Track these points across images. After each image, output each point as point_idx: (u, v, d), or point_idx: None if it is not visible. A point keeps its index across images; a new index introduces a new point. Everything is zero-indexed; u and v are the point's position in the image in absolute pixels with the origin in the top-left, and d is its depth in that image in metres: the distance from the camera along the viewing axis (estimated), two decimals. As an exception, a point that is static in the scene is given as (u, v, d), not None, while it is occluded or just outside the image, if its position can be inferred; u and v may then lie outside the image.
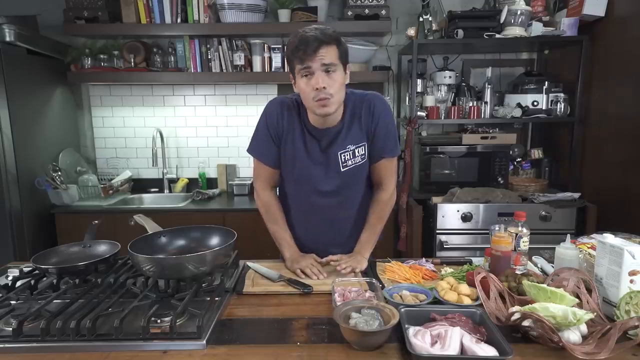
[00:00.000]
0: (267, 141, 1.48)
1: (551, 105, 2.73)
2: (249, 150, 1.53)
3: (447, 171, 2.77)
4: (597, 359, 0.90)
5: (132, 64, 2.86)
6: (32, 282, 1.31)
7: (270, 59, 2.85)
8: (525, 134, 3.12)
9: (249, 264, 1.51)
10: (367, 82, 2.93)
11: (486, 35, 2.59)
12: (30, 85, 2.59)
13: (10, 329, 1.04)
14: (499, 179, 2.72)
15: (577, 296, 1.12)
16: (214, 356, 0.98)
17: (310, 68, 1.29)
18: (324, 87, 1.29)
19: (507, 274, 1.25)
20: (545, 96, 2.72)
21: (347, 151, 1.46)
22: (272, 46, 2.84)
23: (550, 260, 1.49)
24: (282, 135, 1.47)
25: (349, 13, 2.71)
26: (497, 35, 2.60)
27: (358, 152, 1.46)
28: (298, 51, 1.29)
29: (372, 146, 1.47)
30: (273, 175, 1.55)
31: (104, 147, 3.17)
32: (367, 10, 2.70)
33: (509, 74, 3.02)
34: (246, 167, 3.20)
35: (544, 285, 1.08)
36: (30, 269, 1.40)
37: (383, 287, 1.28)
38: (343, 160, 1.46)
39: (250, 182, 3.00)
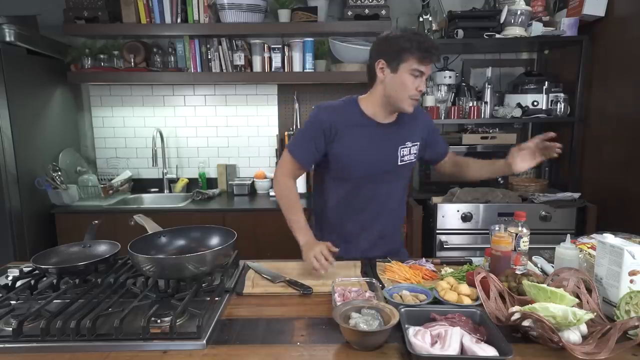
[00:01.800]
0: (309, 143, 1.53)
1: (551, 105, 2.73)
2: (289, 148, 1.57)
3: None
4: (597, 359, 0.90)
5: (132, 64, 2.86)
6: (32, 282, 1.31)
7: (270, 59, 2.85)
8: (525, 134, 3.12)
9: (249, 264, 1.51)
10: (367, 82, 2.93)
11: (486, 35, 2.59)
12: (30, 85, 2.59)
13: (10, 329, 1.04)
14: (499, 179, 2.72)
15: (577, 296, 1.12)
16: (214, 356, 0.98)
17: (423, 72, 1.42)
18: (421, 91, 1.44)
19: (507, 274, 1.25)
20: (545, 96, 2.72)
21: (406, 147, 1.58)
22: (272, 46, 2.84)
23: (550, 260, 1.49)
24: (334, 137, 1.52)
25: (349, 13, 2.71)
26: (497, 35, 2.60)
27: (412, 150, 1.60)
28: (425, 52, 1.38)
29: (434, 146, 1.70)
30: (299, 172, 1.62)
31: (104, 147, 3.17)
32: (367, 10, 2.70)
33: (509, 74, 3.02)
34: (246, 167, 3.20)
35: (544, 285, 1.08)
36: (30, 269, 1.40)
37: (383, 287, 1.28)
38: (402, 154, 1.58)
39: (250, 182, 3.00)
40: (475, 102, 2.79)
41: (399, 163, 1.57)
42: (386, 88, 1.47)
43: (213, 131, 3.16)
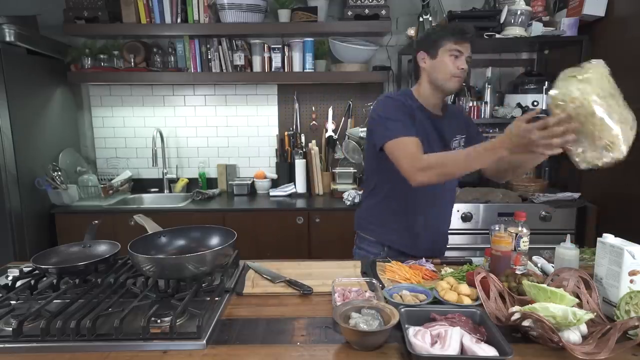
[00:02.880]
0: (407, 120, 1.50)
1: (551, 106, 2.73)
2: (395, 135, 1.44)
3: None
4: (597, 359, 0.90)
5: (132, 64, 2.86)
6: (32, 282, 1.31)
7: (270, 59, 2.85)
8: (525, 134, 3.11)
9: (249, 264, 1.51)
10: (367, 82, 2.94)
11: (486, 35, 2.59)
12: (30, 85, 2.59)
13: (10, 329, 1.04)
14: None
15: (577, 296, 1.12)
16: (214, 356, 0.98)
17: (461, 52, 1.50)
18: (463, 69, 1.50)
19: (507, 274, 1.25)
20: (545, 96, 2.72)
21: (456, 139, 1.65)
22: (272, 46, 2.84)
23: (550, 260, 1.49)
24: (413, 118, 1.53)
25: (349, 13, 2.71)
26: (497, 35, 2.60)
27: (462, 142, 1.67)
28: (459, 33, 1.48)
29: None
30: (421, 144, 1.47)
31: (104, 147, 3.17)
32: (367, 10, 2.70)
33: (509, 74, 3.02)
34: (246, 167, 3.20)
35: (544, 285, 1.08)
36: (30, 269, 1.40)
37: (383, 287, 1.28)
38: (453, 147, 1.63)
39: (250, 182, 3.00)
40: (475, 102, 2.79)
41: None
42: (430, 74, 1.55)
43: (213, 131, 3.16)
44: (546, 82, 2.73)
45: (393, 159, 1.46)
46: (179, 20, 2.76)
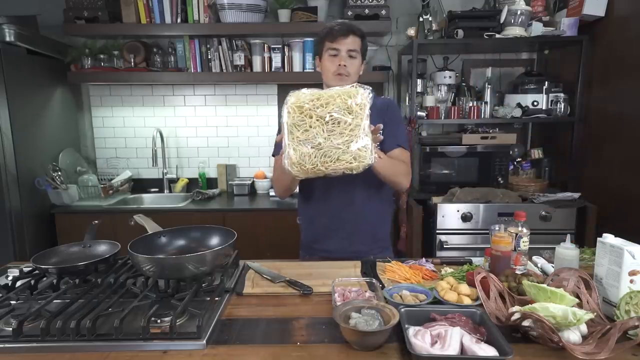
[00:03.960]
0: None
1: (551, 105, 2.73)
2: (275, 154, 1.59)
3: (447, 171, 2.76)
4: (597, 359, 0.90)
5: (132, 64, 2.86)
6: (32, 282, 1.31)
7: (270, 59, 2.85)
8: (525, 134, 3.12)
9: (249, 264, 1.51)
10: (367, 82, 2.92)
11: (486, 35, 2.60)
12: (30, 85, 2.59)
13: (10, 329, 1.04)
14: (499, 179, 2.72)
15: (577, 296, 1.12)
16: (214, 356, 0.98)
17: (338, 50, 1.54)
18: (344, 65, 1.53)
19: (507, 274, 1.25)
20: (545, 96, 2.72)
21: None
22: (272, 46, 2.84)
23: (550, 260, 1.49)
24: None
25: (349, 13, 2.71)
26: (497, 35, 2.60)
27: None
28: (331, 33, 1.53)
29: (386, 134, 1.52)
30: None
31: (104, 147, 3.17)
32: (367, 10, 2.70)
33: (509, 74, 3.02)
34: (246, 167, 3.20)
35: (544, 285, 1.08)
36: (30, 269, 1.40)
37: (383, 287, 1.28)
38: None
39: (250, 182, 3.00)
40: (475, 102, 2.79)
41: None
42: (323, 78, 1.62)
43: (213, 131, 3.16)
44: (546, 82, 2.73)
45: None
46: (179, 20, 2.76)
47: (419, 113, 2.71)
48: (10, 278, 1.35)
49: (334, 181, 1.56)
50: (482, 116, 2.77)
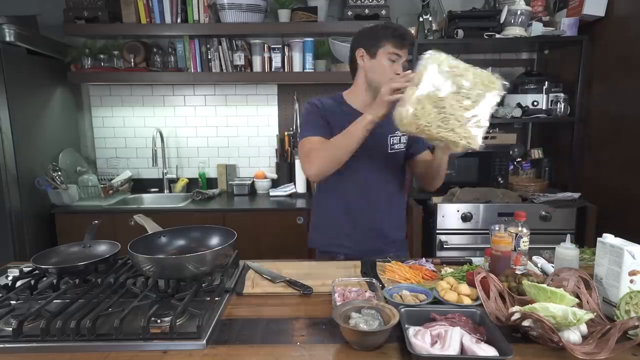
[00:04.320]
0: (317, 122, 1.58)
1: (551, 105, 2.73)
2: (304, 134, 1.56)
3: (447, 171, 2.75)
4: (597, 359, 0.90)
5: (132, 64, 2.86)
6: (32, 282, 1.31)
7: (270, 59, 2.85)
8: (525, 134, 3.12)
9: (249, 264, 1.51)
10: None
11: (486, 35, 2.60)
12: (30, 85, 2.59)
13: (10, 329, 1.04)
14: (499, 179, 2.72)
15: (577, 296, 1.12)
16: (214, 356, 0.98)
17: (400, 57, 1.51)
18: (399, 75, 1.46)
19: (507, 274, 1.25)
20: (545, 96, 2.72)
21: (396, 136, 1.63)
22: (272, 46, 2.84)
23: (550, 260, 1.49)
24: (329, 121, 1.57)
25: (349, 13, 2.71)
26: (497, 35, 2.60)
27: (402, 139, 1.65)
28: (400, 37, 1.49)
29: (416, 139, 1.63)
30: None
31: (104, 147, 3.17)
32: (367, 10, 2.70)
33: (509, 74, 3.02)
34: (246, 167, 3.20)
35: (544, 285, 1.08)
36: (30, 269, 1.40)
37: (383, 287, 1.28)
38: (392, 142, 1.63)
39: (250, 182, 3.00)
40: (475, 102, 2.79)
41: (389, 151, 1.62)
42: (367, 74, 1.56)
43: (213, 131, 3.16)
44: (546, 82, 2.73)
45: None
46: (179, 20, 2.76)
47: (419, 113, 2.70)
48: (10, 278, 1.35)
49: (359, 181, 1.60)
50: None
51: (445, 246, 2.51)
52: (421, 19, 2.71)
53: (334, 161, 1.47)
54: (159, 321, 1.08)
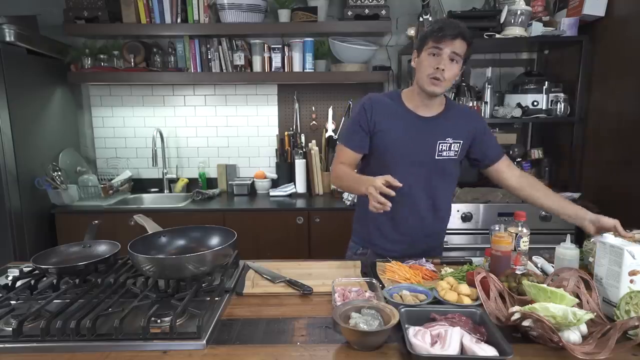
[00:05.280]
0: (355, 130, 1.59)
1: (551, 105, 2.73)
2: (339, 140, 1.62)
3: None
4: (597, 359, 0.90)
5: (132, 64, 2.86)
6: (32, 282, 1.31)
7: (270, 59, 2.85)
8: (525, 134, 3.12)
9: (249, 264, 1.51)
10: (367, 82, 2.94)
11: (486, 35, 2.59)
12: (30, 85, 2.59)
13: (10, 329, 1.04)
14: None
15: (577, 296, 1.12)
16: (214, 356, 0.98)
17: (441, 50, 1.43)
18: (442, 69, 1.43)
19: (507, 274, 1.25)
20: (545, 96, 2.72)
21: (446, 142, 1.58)
22: (272, 46, 2.84)
23: (550, 260, 1.49)
24: (374, 126, 1.57)
25: (349, 13, 2.71)
26: (497, 35, 2.60)
27: (453, 147, 1.59)
28: (439, 31, 1.42)
29: (482, 147, 1.63)
30: (354, 158, 1.62)
31: (104, 147, 3.17)
32: (367, 10, 2.70)
33: (509, 74, 3.02)
34: (246, 167, 3.20)
35: (544, 285, 1.08)
36: (30, 269, 1.40)
37: (383, 287, 1.28)
38: (440, 149, 1.58)
39: (250, 182, 3.00)
40: (475, 102, 2.79)
41: (436, 157, 1.58)
42: (416, 73, 1.53)
43: (213, 131, 3.16)
44: (546, 82, 2.73)
45: None
46: (179, 20, 2.76)
47: (419, 113, 2.70)
48: (10, 278, 1.35)
49: (405, 187, 1.48)
50: (482, 116, 2.76)
51: (445, 246, 2.50)
52: (421, 19, 2.70)
53: (342, 188, 1.63)
54: (159, 321, 1.08)
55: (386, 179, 1.33)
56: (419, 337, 0.96)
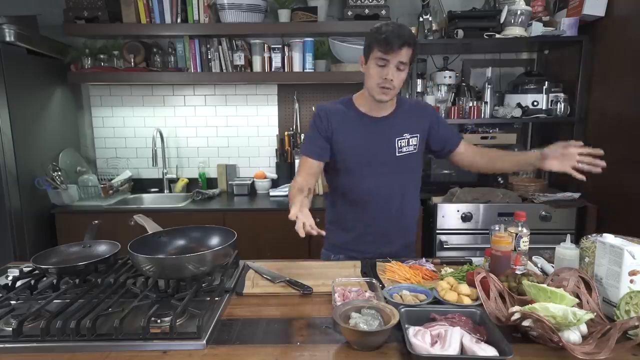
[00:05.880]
0: (314, 139, 1.60)
1: (551, 105, 2.73)
2: (301, 151, 1.62)
3: (447, 171, 2.76)
4: (597, 359, 0.90)
5: (132, 64, 2.86)
6: (32, 282, 1.31)
7: (270, 59, 2.85)
8: (525, 134, 3.12)
9: (249, 264, 1.51)
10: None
11: (486, 35, 2.59)
12: (30, 85, 2.59)
13: (10, 329, 1.04)
14: (499, 179, 2.72)
15: (577, 296, 1.12)
16: (214, 356, 0.98)
17: (388, 61, 1.44)
18: (391, 80, 1.45)
19: (507, 274, 1.25)
20: (545, 96, 2.72)
21: (404, 138, 1.60)
22: (272, 46, 2.84)
23: (550, 260, 1.49)
24: (332, 133, 1.58)
25: (349, 13, 2.71)
26: (497, 35, 2.60)
27: (412, 141, 1.61)
28: (385, 42, 1.41)
29: (440, 136, 1.67)
30: (314, 167, 1.61)
31: (104, 147, 3.17)
32: (367, 10, 2.70)
33: (509, 74, 3.02)
34: (246, 167, 3.20)
35: (544, 285, 1.08)
36: (30, 269, 1.40)
37: (383, 287, 1.28)
38: (399, 146, 1.60)
39: (250, 182, 3.00)
40: (475, 102, 2.79)
41: (397, 154, 1.60)
42: (365, 80, 1.54)
43: (213, 131, 3.16)
44: (546, 82, 2.73)
45: None
46: (179, 20, 2.76)
47: (419, 113, 2.70)
48: (10, 278, 1.35)
49: (372, 188, 1.60)
50: (482, 116, 2.77)
51: (445, 246, 2.51)
52: (421, 19, 2.71)
53: None
54: (159, 321, 1.08)
55: (294, 216, 1.38)
56: (419, 337, 0.96)
